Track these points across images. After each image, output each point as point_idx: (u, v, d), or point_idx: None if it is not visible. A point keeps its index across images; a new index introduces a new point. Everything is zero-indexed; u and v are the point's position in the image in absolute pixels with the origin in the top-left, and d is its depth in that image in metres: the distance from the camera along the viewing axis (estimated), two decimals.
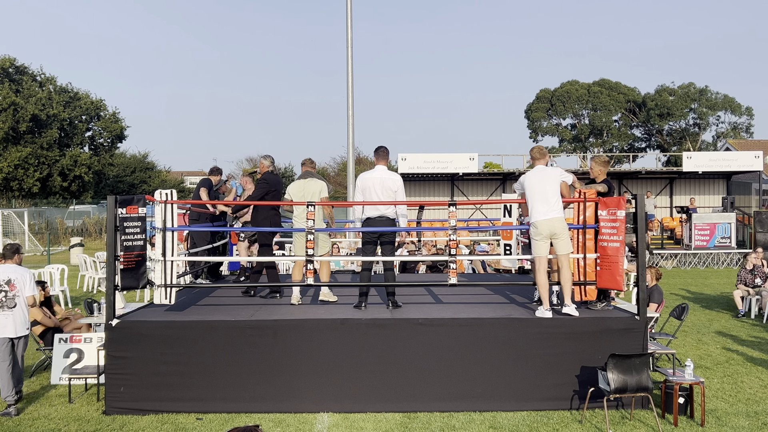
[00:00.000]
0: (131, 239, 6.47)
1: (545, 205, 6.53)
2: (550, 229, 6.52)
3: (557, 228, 6.52)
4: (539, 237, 6.57)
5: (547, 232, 6.53)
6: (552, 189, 6.57)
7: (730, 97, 55.79)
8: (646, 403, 6.31)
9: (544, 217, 6.52)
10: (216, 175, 9.59)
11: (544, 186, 6.58)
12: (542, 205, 6.55)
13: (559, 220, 6.54)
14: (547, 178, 6.62)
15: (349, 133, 19.57)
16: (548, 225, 6.51)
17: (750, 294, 11.71)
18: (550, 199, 6.54)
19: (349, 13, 19.14)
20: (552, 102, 59.66)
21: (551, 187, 6.58)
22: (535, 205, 6.59)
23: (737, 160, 24.66)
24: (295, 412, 6.29)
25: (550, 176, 6.63)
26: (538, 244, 6.60)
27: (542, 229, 6.54)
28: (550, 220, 6.51)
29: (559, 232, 6.53)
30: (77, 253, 20.65)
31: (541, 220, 6.54)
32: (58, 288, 12.66)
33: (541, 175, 6.67)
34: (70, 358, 7.53)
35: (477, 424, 5.99)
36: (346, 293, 8.13)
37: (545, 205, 6.53)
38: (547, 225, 6.51)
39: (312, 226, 6.70)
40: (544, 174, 6.67)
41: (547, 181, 6.60)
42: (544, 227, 6.53)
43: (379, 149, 7.28)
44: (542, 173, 6.69)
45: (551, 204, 6.53)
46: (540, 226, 6.55)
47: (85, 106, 41.11)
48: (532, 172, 6.77)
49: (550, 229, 6.52)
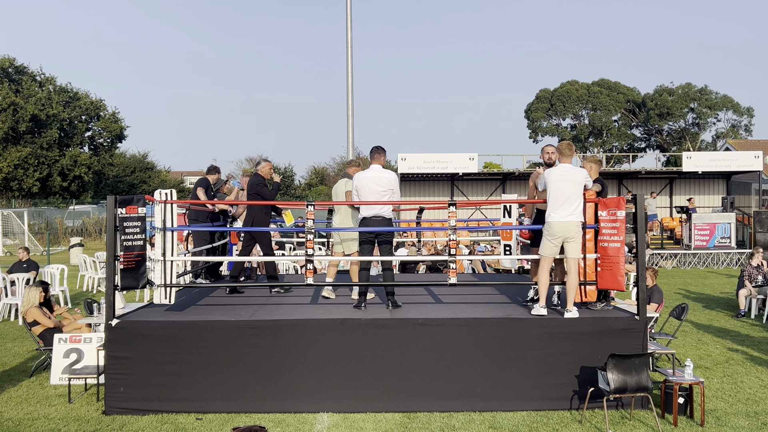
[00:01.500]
0: (131, 239, 6.47)
1: (565, 208, 6.40)
2: (564, 231, 6.44)
3: (572, 232, 6.44)
4: (551, 237, 6.50)
5: (561, 234, 6.45)
6: (576, 192, 6.43)
7: (730, 97, 55.83)
8: (645, 403, 6.31)
9: (560, 219, 6.42)
10: (213, 174, 9.54)
11: (568, 186, 6.43)
12: (561, 206, 6.41)
13: (575, 224, 6.45)
14: (572, 179, 6.44)
15: (349, 133, 19.57)
16: (563, 228, 6.43)
17: (752, 294, 11.69)
18: (571, 202, 6.40)
19: (349, 13, 19.14)
20: (552, 102, 59.68)
21: (575, 190, 6.43)
22: (555, 205, 6.46)
23: (737, 160, 24.66)
24: (295, 412, 6.29)
25: (576, 178, 6.45)
26: (549, 243, 6.53)
27: (556, 231, 6.46)
28: (566, 223, 6.42)
29: (573, 235, 6.45)
30: (77, 253, 20.66)
31: (556, 222, 6.44)
32: (58, 288, 12.66)
33: (567, 175, 6.47)
34: (70, 358, 7.53)
35: (477, 424, 5.99)
36: (345, 293, 8.13)
37: (565, 207, 6.40)
38: (562, 228, 6.43)
39: (312, 226, 6.70)
40: (571, 175, 6.47)
41: (572, 182, 6.43)
42: (558, 229, 6.45)
43: (374, 149, 7.28)
44: (568, 173, 6.48)
45: (572, 207, 6.40)
46: (554, 227, 6.46)
47: (84, 106, 41.13)
48: (558, 170, 6.55)
49: (564, 232, 6.44)
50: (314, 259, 6.80)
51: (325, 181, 50.12)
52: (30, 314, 8.16)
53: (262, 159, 8.62)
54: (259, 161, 8.49)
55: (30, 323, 8.14)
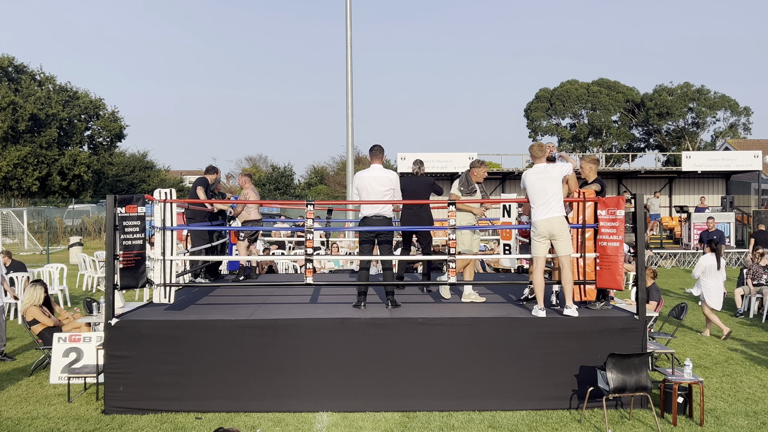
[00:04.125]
0: (130, 238, 6.47)
1: (544, 206, 6.49)
2: (548, 229, 6.49)
3: (556, 228, 6.48)
4: (538, 237, 6.56)
5: (546, 232, 6.50)
6: (552, 188, 6.50)
7: (728, 96, 55.83)
8: (645, 403, 6.32)
9: (542, 217, 6.49)
10: (212, 173, 9.52)
11: (544, 185, 6.52)
12: (541, 205, 6.51)
13: (559, 220, 6.48)
14: (547, 176, 6.54)
15: (349, 132, 19.57)
16: (547, 225, 6.49)
17: (747, 292, 11.68)
18: (549, 199, 6.48)
19: (349, 12, 19.13)
20: (551, 101, 59.65)
21: (552, 186, 6.50)
22: (536, 205, 6.56)
23: (736, 160, 24.67)
24: (294, 411, 6.29)
25: (551, 175, 6.54)
26: (537, 243, 6.59)
27: (541, 230, 6.52)
28: (549, 220, 6.47)
29: (558, 232, 6.48)
30: (76, 252, 20.64)
31: (539, 220, 6.51)
32: (58, 287, 12.65)
33: (542, 173, 6.58)
34: (69, 357, 7.53)
35: (476, 423, 5.99)
36: (345, 292, 8.13)
37: (544, 205, 6.49)
38: (546, 225, 6.49)
39: (311, 225, 6.70)
40: (545, 172, 6.58)
41: (548, 179, 6.52)
42: (542, 227, 6.51)
43: (374, 148, 7.27)
44: (543, 171, 6.59)
45: (550, 204, 6.47)
46: (539, 227, 6.53)
47: (84, 105, 41.10)
48: (532, 171, 6.67)
49: (549, 230, 6.49)
50: (314, 258, 6.80)
51: (324, 180, 50.10)
52: (30, 313, 8.16)
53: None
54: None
55: (29, 322, 8.14)
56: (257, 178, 49.32)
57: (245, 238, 9.29)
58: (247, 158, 60.97)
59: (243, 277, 9.45)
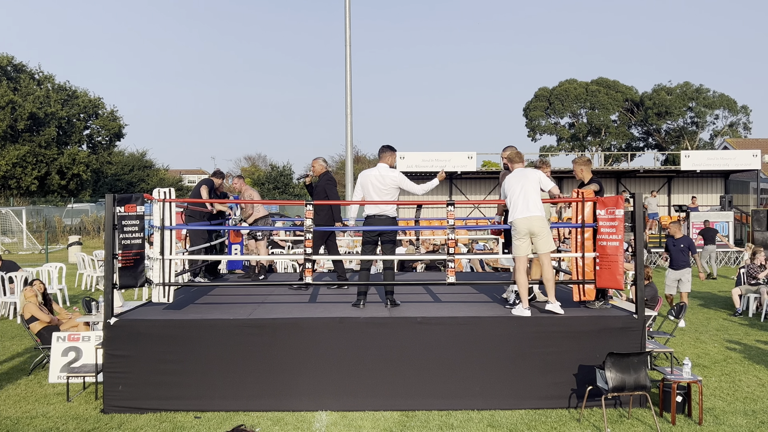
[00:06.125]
0: (129, 238, 6.46)
1: (524, 205, 6.56)
2: (528, 227, 6.53)
3: (536, 226, 6.53)
4: (518, 236, 6.60)
5: (526, 230, 6.54)
6: (531, 188, 6.61)
7: (726, 95, 55.85)
8: (644, 402, 6.32)
9: (521, 216, 6.54)
10: (219, 178, 9.64)
11: (524, 185, 6.62)
12: (521, 204, 6.57)
13: (538, 218, 6.54)
14: (526, 178, 6.67)
15: (348, 131, 19.58)
16: (526, 223, 6.53)
17: (745, 292, 11.70)
18: (529, 198, 6.57)
19: (348, 11, 19.12)
20: (550, 101, 59.66)
21: (530, 186, 6.62)
22: (514, 205, 6.63)
23: (735, 159, 24.68)
24: (294, 410, 6.29)
25: (529, 177, 6.68)
26: (518, 243, 6.63)
27: (521, 228, 6.56)
28: (528, 218, 6.52)
29: (538, 230, 6.54)
30: (75, 251, 20.62)
31: (519, 219, 6.56)
32: (57, 286, 12.65)
33: (520, 174, 6.73)
34: (68, 356, 7.53)
35: (475, 422, 6.00)
36: (344, 292, 8.13)
37: (524, 204, 6.56)
38: (525, 224, 6.53)
39: (311, 225, 6.69)
40: (523, 174, 6.72)
41: (527, 181, 6.65)
42: (522, 226, 6.55)
43: (383, 147, 7.30)
44: (521, 174, 6.74)
45: (530, 203, 6.55)
46: (518, 225, 6.57)
47: (83, 104, 41.07)
48: (511, 174, 6.83)
49: (529, 228, 6.53)
50: (314, 258, 6.79)
51: None
52: (27, 309, 8.15)
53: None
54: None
55: (27, 320, 8.13)
56: (256, 177, 49.31)
57: (264, 238, 9.28)
58: (246, 157, 61.02)
59: (263, 276, 9.45)
